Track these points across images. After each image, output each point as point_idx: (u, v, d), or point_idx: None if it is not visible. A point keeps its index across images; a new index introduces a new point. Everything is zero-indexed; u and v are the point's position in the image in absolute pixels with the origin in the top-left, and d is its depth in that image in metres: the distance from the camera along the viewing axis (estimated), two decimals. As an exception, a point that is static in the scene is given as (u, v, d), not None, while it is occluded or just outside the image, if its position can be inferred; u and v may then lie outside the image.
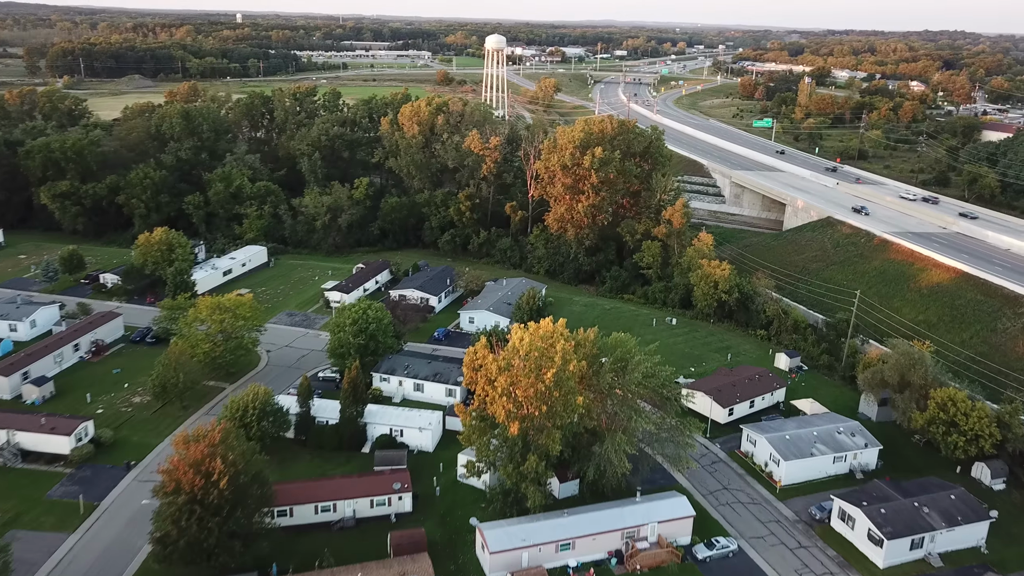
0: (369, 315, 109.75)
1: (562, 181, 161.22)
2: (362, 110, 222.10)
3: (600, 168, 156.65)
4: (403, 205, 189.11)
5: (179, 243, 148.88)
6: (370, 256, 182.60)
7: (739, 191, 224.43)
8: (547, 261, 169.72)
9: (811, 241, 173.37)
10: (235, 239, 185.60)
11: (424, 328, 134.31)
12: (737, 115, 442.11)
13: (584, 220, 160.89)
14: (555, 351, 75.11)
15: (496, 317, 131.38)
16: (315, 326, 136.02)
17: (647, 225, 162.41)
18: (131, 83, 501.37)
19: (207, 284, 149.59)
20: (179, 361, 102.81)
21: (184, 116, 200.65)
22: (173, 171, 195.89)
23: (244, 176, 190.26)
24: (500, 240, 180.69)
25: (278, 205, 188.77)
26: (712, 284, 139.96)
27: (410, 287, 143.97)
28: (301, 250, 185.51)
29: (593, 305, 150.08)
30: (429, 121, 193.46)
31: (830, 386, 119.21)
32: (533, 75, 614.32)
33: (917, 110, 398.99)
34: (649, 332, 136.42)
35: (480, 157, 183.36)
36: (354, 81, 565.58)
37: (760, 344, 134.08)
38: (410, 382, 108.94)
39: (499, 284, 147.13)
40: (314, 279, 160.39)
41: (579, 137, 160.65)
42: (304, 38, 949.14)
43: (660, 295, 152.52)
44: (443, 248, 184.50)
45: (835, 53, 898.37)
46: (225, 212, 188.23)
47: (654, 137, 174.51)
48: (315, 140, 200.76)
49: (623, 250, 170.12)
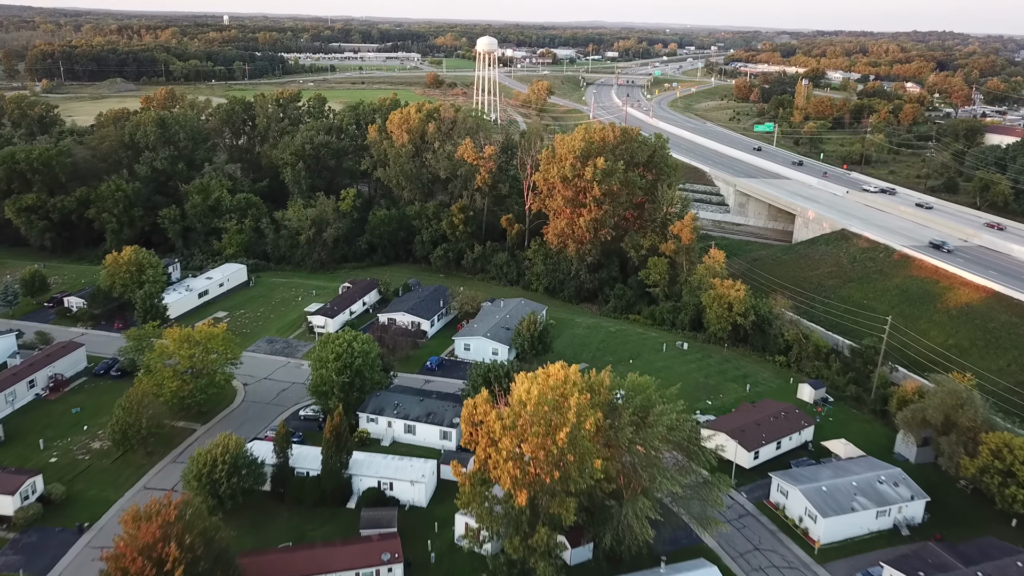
0: (355, 348, 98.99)
1: (562, 194, 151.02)
2: (349, 116, 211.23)
3: (603, 180, 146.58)
4: (392, 218, 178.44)
5: (150, 263, 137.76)
6: (357, 273, 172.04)
7: (744, 200, 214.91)
8: (546, 278, 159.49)
9: (825, 255, 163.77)
10: (214, 255, 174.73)
11: (415, 356, 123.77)
12: (734, 118, 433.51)
13: (586, 235, 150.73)
14: (568, 406, 64.73)
15: (494, 344, 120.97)
16: (297, 354, 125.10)
17: (653, 240, 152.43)
18: (112, 86, 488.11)
19: (181, 307, 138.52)
20: (142, 403, 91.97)
21: (160, 124, 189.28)
22: (148, 182, 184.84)
23: (223, 188, 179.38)
24: (496, 255, 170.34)
25: (260, 218, 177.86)
26: (726, 306, 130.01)
27: (400, 310, 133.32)
28: (284, 267, 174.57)
29: (597, 327, 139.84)
30: (419, 129, 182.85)
31: (860, 421, 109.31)
32: (524, 77, 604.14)
33: (917, 113, 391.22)
34: (659, 358, 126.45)
35: (474, 167, 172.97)
36: (342, 84, 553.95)
37: (779, 372, 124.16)
38: (400, 423, 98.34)
39: (496, 305, 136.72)
40: (297, 300, 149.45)
41: (579, 147, 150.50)
42: (291, 40, 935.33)
43: (668, 316, 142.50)
44: (435, 264, 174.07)
45: (828, 54, 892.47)
46: (203, 226, 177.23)
47: (658, 145, 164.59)
48: (299, 149, 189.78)
49: (627, 266, 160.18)
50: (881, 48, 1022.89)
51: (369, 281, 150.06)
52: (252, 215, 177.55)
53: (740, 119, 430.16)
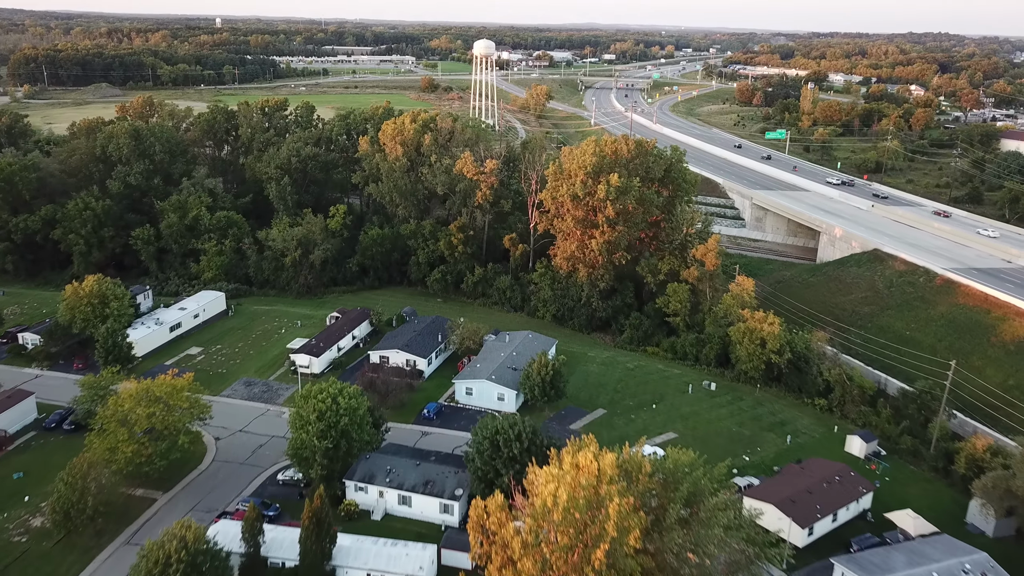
0: (340, 404, 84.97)
1: (572, 214, 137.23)
2: (339, 126, 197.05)
3: (617, 198, 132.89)
4: (385, 238, 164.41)
5: (115, 295, 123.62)
6: (347, 299, 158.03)
7: (761, 214, 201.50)
8: (554, 305, 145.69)
9: (858, 279, 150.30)
10: (191, 279, 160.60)
11: (411, 401, 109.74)
12: (738, 123, 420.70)
13: (598, 259, 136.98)
14: (607, 514, 50.90)
15: (499, 388, 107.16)
16: (278, 400, 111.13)
17: (671, 263, 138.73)
18: (97, 91, 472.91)
19: (149, 344, 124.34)
20: (89, 475, 77.98)
21: (134, 136, 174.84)
22: (120, 199, 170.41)
23: (202, 205, 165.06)
24: (498, 278, 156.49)
25: (241, 238, 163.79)
26: (758, 342, 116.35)
27: (394, 346, 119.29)
28: (267, 291, 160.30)
29: (613, 363, 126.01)
30: (414, 140, 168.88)
31: (920, 481, 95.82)
32: (522, 81, 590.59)
33: (929, 117, 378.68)
34: (685, 402, 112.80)
35: (474, 182, 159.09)
36: (334, 88, 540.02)
37: (820, 418, 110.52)
38: (394, 493, 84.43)
39: (501, 340, 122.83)
40: (280, 332, 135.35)
41: (590, 162, 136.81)
42: (284, 43, 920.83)
43: (691, 350, 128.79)
44: (432, 287, 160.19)
45: (828, 56, 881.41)
46: (179, 247, 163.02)
47: (675, 159, 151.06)
48: (284, 162, 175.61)
49: (642, 291, 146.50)
50: (880, 50, 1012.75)
51: (360, 311, 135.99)
52: (233, 235, 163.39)
53: (745, 124, 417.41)
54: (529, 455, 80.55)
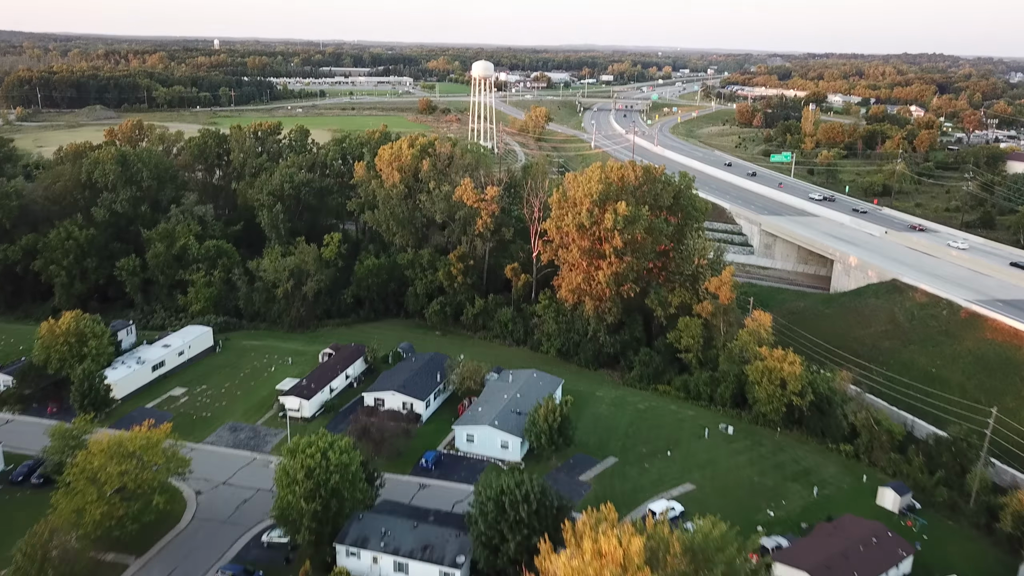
0: (331, 460, 77.59)
1: (578, 244, 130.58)
2: (334, 151, 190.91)
3: (625, 228, 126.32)
4: (382, 268, 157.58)
5: (93, 333, 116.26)
6: (342, 331, 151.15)
7: (770, 241, 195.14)
8: (559, 339, 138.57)
9: (877, 310, 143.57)
10: (177, 312, 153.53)
11: (408, 448, 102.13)
12: (740, 144, 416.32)
13: (606, 291, 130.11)
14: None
15: (503, 435, 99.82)
16: (265, 447, 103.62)
17: (682, 296, 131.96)
18: (91, 114, 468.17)
19: (130, 385, 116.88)
20: (51, 543, 70.41)
21: (120, 162, 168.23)
22: (105, 228, 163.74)
23: (191, 233, 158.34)
24: (500, 310, 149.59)
25: (231, 269, 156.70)
26: (778, 382, 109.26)
27: (389, 387, 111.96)
28: (258, 324, 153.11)
29: (622, 403, 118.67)
30: (412, 166, 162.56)
31: (960, 539, 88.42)
32: (520, 102, 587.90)
33: (933, 139, 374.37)
34: (702, 448, 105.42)
35: (474, 210, 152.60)
36: (331, 110, 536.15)
37: (847, 465, 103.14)
38: (389, 560, 76.80)
39: (504, 379, 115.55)
40: (270, 370, 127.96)
41: (596, 189, 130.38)
42: (281, 64, 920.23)
43: (705, 389, 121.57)
44: (431, 319, 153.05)
45: (825, 77, 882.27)
46: (166, 278, 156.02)
47: (684, 185, 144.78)
48: (277, 188, 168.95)
49: (651, 324, 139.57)
50: (877, 71, 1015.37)
51: (354, 347, 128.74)
52: (223, 265, 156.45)
53: (746, 146, 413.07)
54: (538, 518, 73.49)
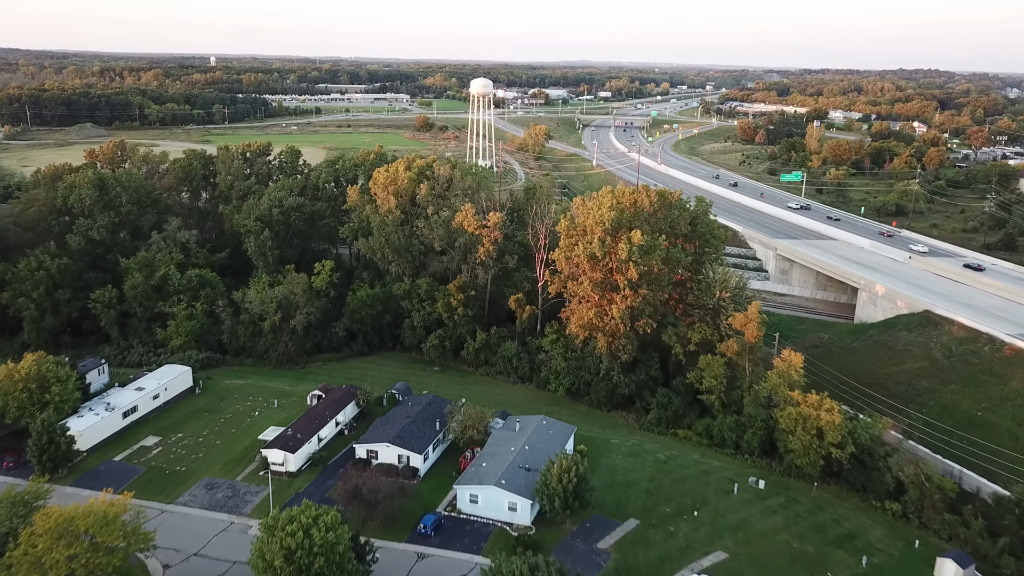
0: (314, 539, 66.88)
1: (590, 276, 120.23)
2: (327, 173, 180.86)
3: (641, 259, 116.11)
4: (376, 298, 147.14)
5: (57, 377, 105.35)
6: (333, 367, 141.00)
7: (787, 266, 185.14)
8: (568, 377, 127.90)
9: (910, 346, 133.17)
10: (156, 347, 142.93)
11: (404, 509, 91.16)
12: (744, 162, 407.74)
13: (620, 327, 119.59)
14: None
15: (510, 496, 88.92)
16: (245, 508, 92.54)
17: (703, 332, 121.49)
18: (81, 132, 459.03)
19: (97, 435, 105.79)
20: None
21: (98, 186, 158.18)
22: (81, 256, 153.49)
23: (172, 262, 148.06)
24: (503, 344, 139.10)
25: (215, 300, 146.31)
26: (814, 432, 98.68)
27: (383, 438, 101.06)
28: (243, 360, 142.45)
29: (640, 452, 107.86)
30: (409, 190, 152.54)
31: (1035, 620, 77.68)
32: (518, 120, 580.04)
33: (943, 156, 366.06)
34: (731, 506, 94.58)
35: (475, 237, 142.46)
36: (327, 127, 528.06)
37: (895, 527, 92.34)
38: (382, 659, 65.93)
39: (510, 427, 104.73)
40: (253, 414, 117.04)
41: (609, 217, 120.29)
42: (277, 81, 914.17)
43: (730, 435, 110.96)
44: (429, 354, 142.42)
45: (825, 93, 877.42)
46: (144, 311, 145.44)
47: (700, 211, 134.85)
48: (265, 213, 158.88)
49: (668, 361, 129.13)
50: (876, 86, 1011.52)
51: (345, 390, 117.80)
52: (206, 296, 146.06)
53: (750, 163, 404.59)
54: (556, 611, 62.76)
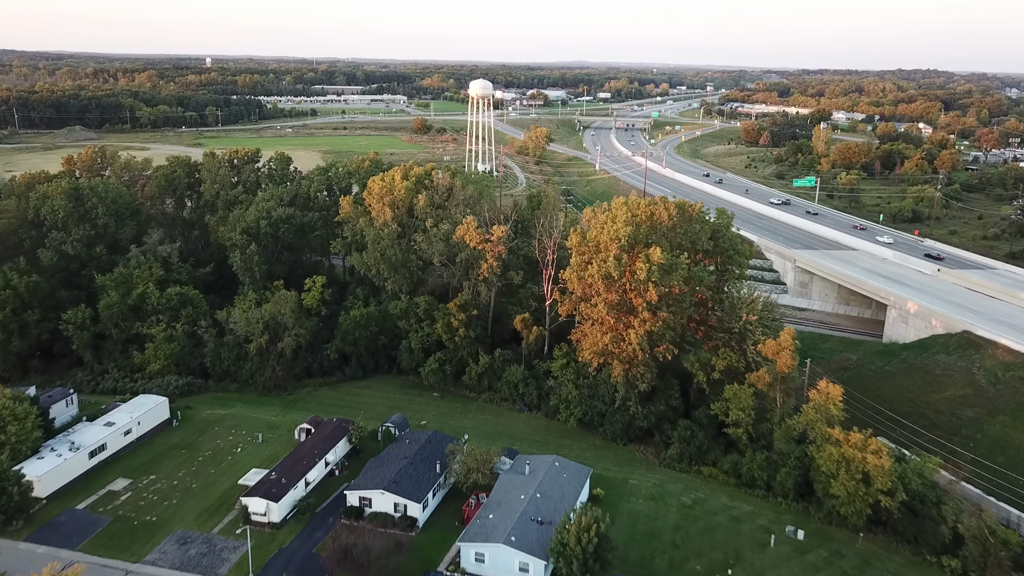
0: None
1: (604, 298, 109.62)
2: (319, 181, 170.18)
3: (661, 279, 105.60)
4: (371, 318, 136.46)
5: (14, 415, 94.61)
6: (324, 393, 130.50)
7: (806, 279, 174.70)
8: (580, 406, 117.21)
9: (950, 370, 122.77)
10: (133, 372, 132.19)
11: (401, 567, 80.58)
12: (749, 165, 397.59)
13: (639, 354, 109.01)
14: None
15: (521, 556, 78.30)
16: (221, 568, 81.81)
17: (728, 358, 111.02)
18: (70, 135, 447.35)
19: (59, 478, 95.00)
20: None
21: (73, 196, 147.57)
22: (54, 272, 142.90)
23: (151, 279, 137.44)
24: (508, 369, 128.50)
25: (197, 320, 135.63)
26: (859, 476, 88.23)
27: (378, 484, 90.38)
28: (227, 386, 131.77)
29: (662, 495, 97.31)
30: (406, 201, 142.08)
31: None
32: (517, 121, 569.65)
33: (955, 159, 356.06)
34: (769, 561, 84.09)
35: (478, 252, 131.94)
36: (323, 130, 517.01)
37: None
38: None
39: (519, 469, 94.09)
40: (235, 450, 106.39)
41: (624, 232, 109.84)
42: (273, 82, 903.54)
43: (761, 474, 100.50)
44: (428, 378, 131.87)
45: (827, 94, 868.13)
46: (120, 332, 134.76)
47: (722, 224, 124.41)
48: (252, 225, 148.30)
49: (688, 389, 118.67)
50: (877, 87, 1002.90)
51: (336, 424, 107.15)
52: (187, 316, 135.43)
53: (756, 166, 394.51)
54: None
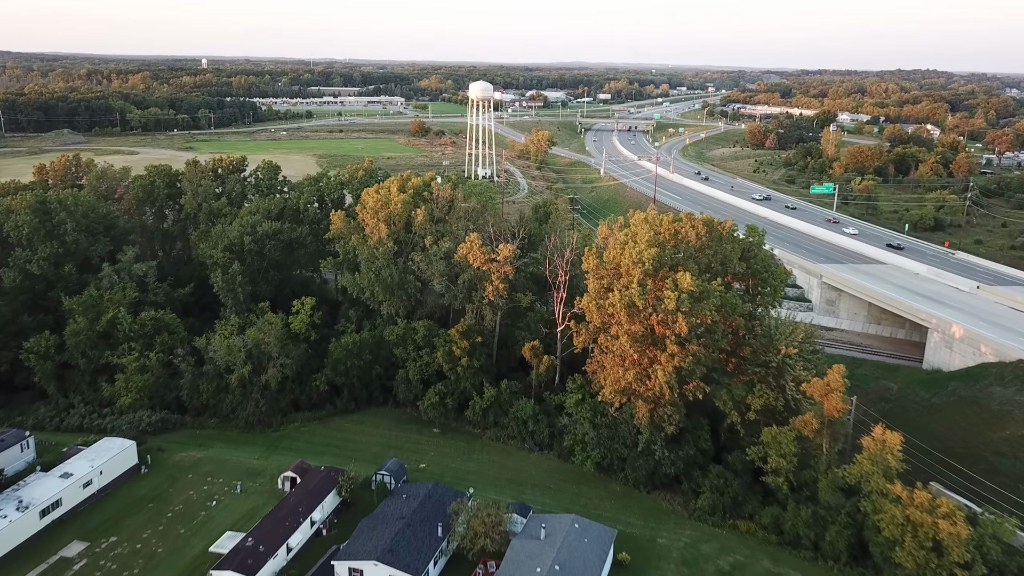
0: None
1: (628, 330, 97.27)
2: (309, 191, 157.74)
3: (693, 309, 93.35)
4: (364, 345, 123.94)
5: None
6: (313, 429, 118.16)
7: (834, 296, 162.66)
8: (598, 449, 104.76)
9: (1008, 405, 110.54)
10: (102, 406, 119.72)
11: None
12: (757, 169, 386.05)
13: (666, 393, 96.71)
14: None
15: (541, 647, 66.09)
16: (185, 660, 69.56)
17: (766, 396, 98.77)
18: (58, 138, 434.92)
19: (7, 543, 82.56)
20: None
21: (39, 211, 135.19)
22: (17, 295, 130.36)
23: (124, 302, 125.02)
24: (517, 403, 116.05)
25: (174, 348, 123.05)
26: (930, 543, 76.02)
27: (370, 554, 78.04)
28: (206, 421, 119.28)
29: (697, 557, 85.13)
30: (403, 216, 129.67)
31: None
32: (517, 124, 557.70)
33: (972, 163, 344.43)
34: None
35: (483, 272, 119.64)
36: (318, 133, 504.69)
37: None
38: None
39: (533, 532, 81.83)
40: (210, 504, 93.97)
41: (649, 256, 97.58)
42: (268, 84, 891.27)
43: (807, 531, 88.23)
44: (427, 413, 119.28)
45: (830, 94, 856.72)
46: (88, 362, 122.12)
47: (754, 243, 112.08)
48: (235, 241, 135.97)
49: (718, 427, 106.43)
50: (879, 88, 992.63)
51: (324, 475, 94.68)
52: (163, 343, 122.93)
53: (765, 170, 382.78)
54: None
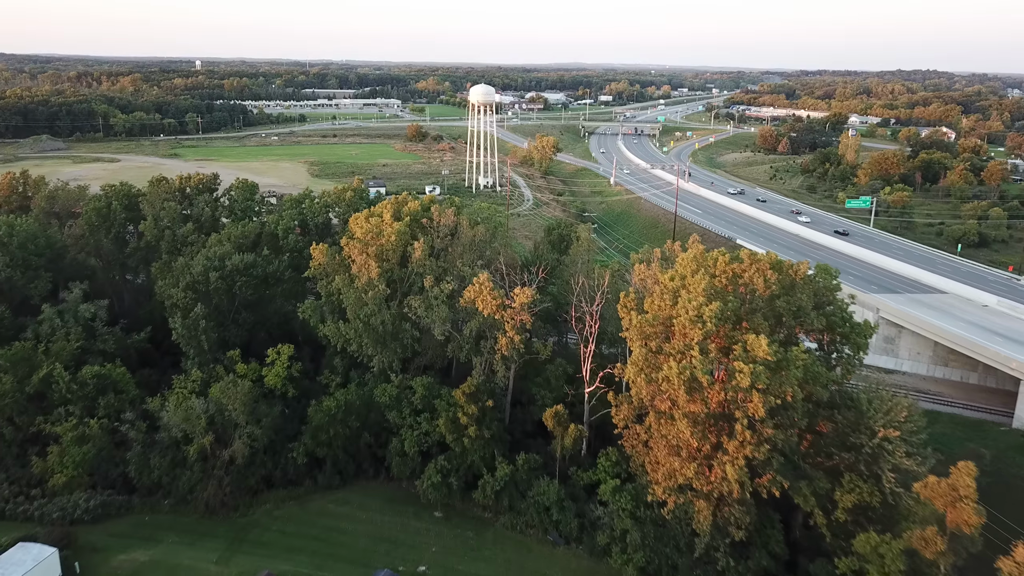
0: None
1: (687, 411, 75.86)
2: (289, 215, 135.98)
3: (770, 386, 72.01)
4: (351, 408, 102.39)
5: None
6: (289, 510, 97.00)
7: (893, 332, 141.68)
8: (642, 552, 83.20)
9: None
10: (31, 487, 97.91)
11: None
12: (774, 176, 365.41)
13: (735, 491, 75.36)
14: None
15: None
16: None
17: (859, 491, 77.48)
18: (36, 145, 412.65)
19: None
20: None
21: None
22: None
23: (62, 355, 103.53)
24: (537, 484, 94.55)
25: (122, 411, 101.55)
26: None
27: None
28: (158, 503, 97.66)
29: None
30: (398, 249, 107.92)
31: None
32: (519, 128, 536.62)
33: (1006, 170, 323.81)
34: None
35: (494, 321, 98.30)
36: (311, 137, 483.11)
37: None
38: None
39: None
40: (148, 639, 72.59)
41: (711, 313, 76.14)
42: (262, 86, 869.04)
43: None
44: (427, 493, 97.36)
45: (837, 96, 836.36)
46: (16, 431, 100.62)
47: (826, 286, 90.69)
48: (198, 278, 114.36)
49: (791, 523, 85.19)
50: (885, 89, 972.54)
51: (296, 601, 73.52)
52: (108, 406, 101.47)
53: (781, 177, 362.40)
54: None
